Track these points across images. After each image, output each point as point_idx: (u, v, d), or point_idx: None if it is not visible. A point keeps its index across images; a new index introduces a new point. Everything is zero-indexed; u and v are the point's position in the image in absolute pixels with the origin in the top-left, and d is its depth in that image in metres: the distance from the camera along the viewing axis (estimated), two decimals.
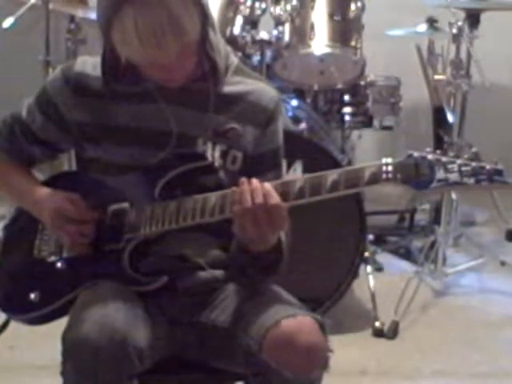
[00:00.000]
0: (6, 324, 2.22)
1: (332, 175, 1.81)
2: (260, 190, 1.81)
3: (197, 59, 1.91)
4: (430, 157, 1.78)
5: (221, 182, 1.97)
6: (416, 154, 1.79)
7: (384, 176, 1.78)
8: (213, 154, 1.97)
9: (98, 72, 1.98)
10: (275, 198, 1.80)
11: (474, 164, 1.77)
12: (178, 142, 1.97)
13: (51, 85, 2.04)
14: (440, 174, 1.77)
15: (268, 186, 1.82)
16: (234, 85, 2.02)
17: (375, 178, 1.78)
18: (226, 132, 1.99)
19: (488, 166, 1.77)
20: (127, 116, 1.98)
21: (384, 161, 1.79)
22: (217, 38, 1.96)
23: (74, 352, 1.78)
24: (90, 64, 2.01)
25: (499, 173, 1.77)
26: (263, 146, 2.02)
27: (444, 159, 1.78)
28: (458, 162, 1.77)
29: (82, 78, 2.00)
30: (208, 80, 1.97)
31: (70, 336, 1.79)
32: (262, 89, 2.04)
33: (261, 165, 1.99)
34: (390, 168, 1.78)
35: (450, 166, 1.77)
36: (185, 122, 1.97)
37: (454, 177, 1.77)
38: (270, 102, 2.03)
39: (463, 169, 1.76)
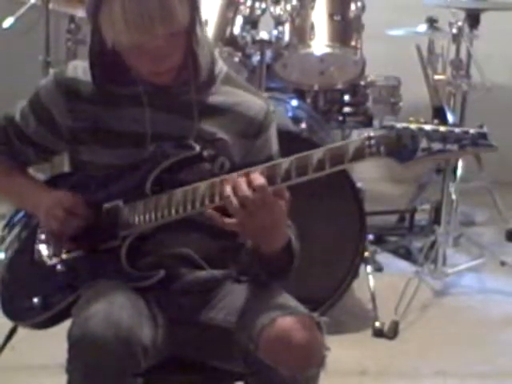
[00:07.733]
0: (13, 331, 2.23)
1: (317, 154, 1.78)
2: (242, 180, 1.78)
3: (183, 53, 1.91)
4: (412, 126, 1.74)
5: (212, 172, 1.95)
6: (398, 125, 1.75)
7: (367, 150, 1.74)
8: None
9: (88, 77, 1.99)
10: (260, 179, 1.77)
11: (457, 130, 1.72)
12: (158, 143, 1.96)
13: (44, 90, 2.05)
14: (423, 143, 1.73)
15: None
16: (223, 95, 2.02)
17: (359, 153, 1.75)
18: (214, 142, 1.98)
19: (472, 130, 1.72)
20: (116, 119, 1.99)
21: (366, 134, 1.76)
22: (204, 38, 1.96)
23: (79, 349, 1.78)
24: (81, 69, 2.02)
25: (483, 136, 1.72)
26: (252, 156, 2.00)
27: (427, 128, 1.73)
28: (441, 129, 1.72)
29: (74, 83, 2.01)
30: (191, 81, 1.96)
31: (76, 333, 1.79)
32: (250, 100, 2.03)
33: None
34: (372, 142, 1.75)
35: (433, 135, 1.73)
36: (168, 127, 1.97)
37: (437, 145, 1.72)
38: (259, 114, 2.02)
39: (447, 135, 1.72)
